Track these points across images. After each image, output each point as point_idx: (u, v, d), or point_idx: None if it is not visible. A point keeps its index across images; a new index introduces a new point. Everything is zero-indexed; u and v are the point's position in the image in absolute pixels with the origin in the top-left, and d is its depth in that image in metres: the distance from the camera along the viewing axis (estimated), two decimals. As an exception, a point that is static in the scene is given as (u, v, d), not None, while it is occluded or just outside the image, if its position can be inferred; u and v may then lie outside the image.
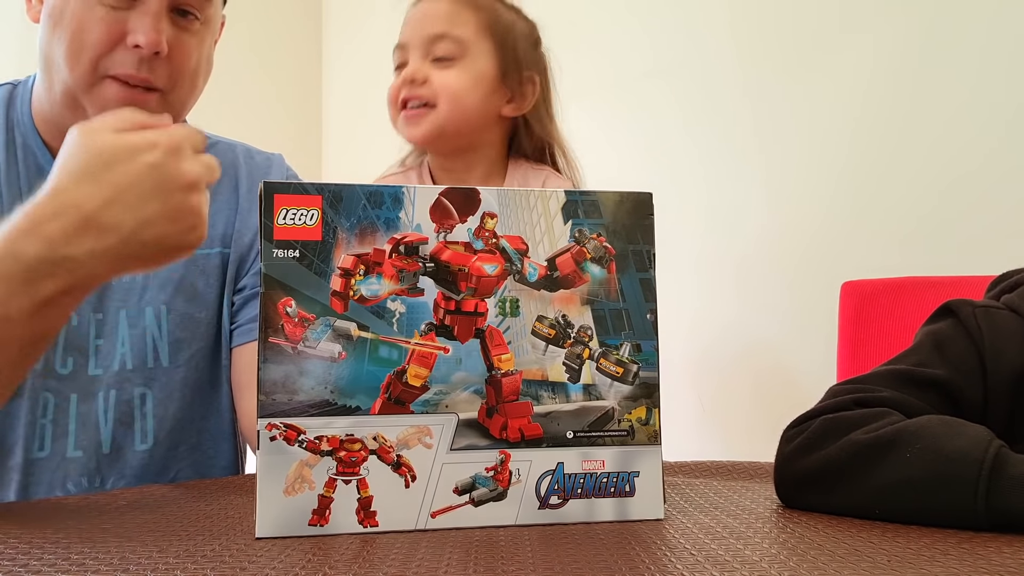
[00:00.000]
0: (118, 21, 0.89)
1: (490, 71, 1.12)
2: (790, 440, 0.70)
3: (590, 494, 0.64)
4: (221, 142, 1.09)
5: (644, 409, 0.65)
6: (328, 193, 0.62)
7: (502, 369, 0.63)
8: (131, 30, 0.89)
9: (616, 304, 0.66)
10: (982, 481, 0.58)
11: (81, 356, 0.94)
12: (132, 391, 0.96)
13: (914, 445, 0.62)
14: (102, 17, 0.89)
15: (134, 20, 0.89)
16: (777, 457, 0.71)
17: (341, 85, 3.25)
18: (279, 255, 0.61)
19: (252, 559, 0.53)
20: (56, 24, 0.90)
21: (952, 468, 0.60)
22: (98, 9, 0.88)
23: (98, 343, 0.95)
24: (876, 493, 0.63)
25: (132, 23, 0.89)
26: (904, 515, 0.62)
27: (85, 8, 0.89)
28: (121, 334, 0.96)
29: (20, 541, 0.56)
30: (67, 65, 0.89)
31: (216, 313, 1.01)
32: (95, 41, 0.89)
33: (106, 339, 0.95)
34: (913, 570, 0.50)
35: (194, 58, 0.94)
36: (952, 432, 0.62)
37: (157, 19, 0.89)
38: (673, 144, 2.14)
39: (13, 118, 0.96)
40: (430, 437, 0.62)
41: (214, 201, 1.03)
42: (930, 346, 0.72)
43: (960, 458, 0.60)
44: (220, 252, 1.01)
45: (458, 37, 1.10)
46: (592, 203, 0.66)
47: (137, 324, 0.96)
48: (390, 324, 0.62)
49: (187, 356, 0.98)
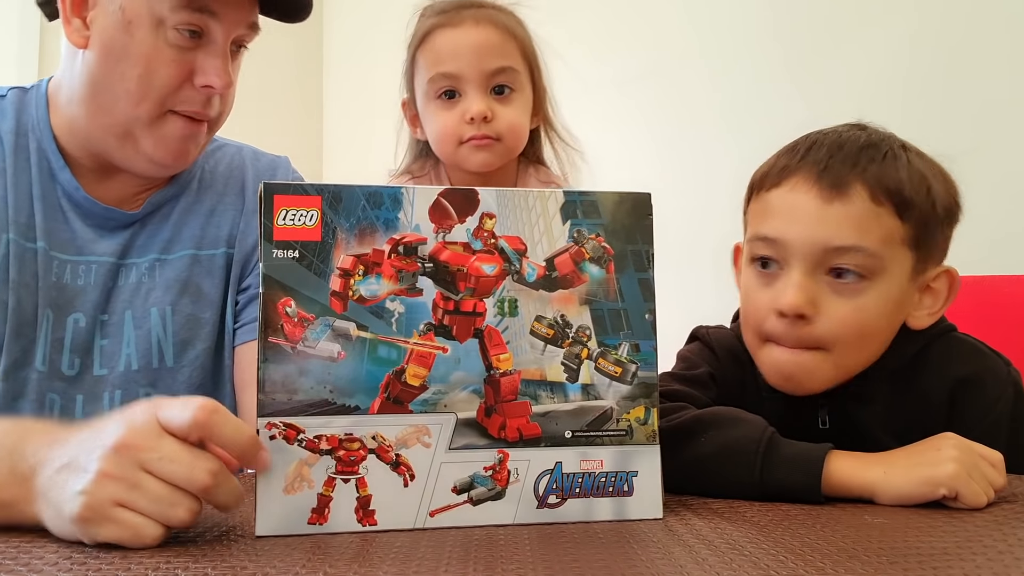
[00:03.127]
0: (187, 61, 0.91)
1: (530, 96, 1.17)
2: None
3: (588, 494, 0.64)
4: (228, 144, 1.10)
5: (643, 409, 0.66)
6: (328, 194, 0.62)
7: (501, 369, 0.64)
8: (200, 70, 0.91)
9: (615, 304, 0.66)
10: (757, 459, 0.73)
11: (87, 357, 0.95)
12: (138, 391, 0.96)
13: (707, 432, 0.76)
14: (173, 59, 0.90)
15: (202, 60, 0.91)
16: None
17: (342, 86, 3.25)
18: (279, 255, 0.61)
19: (252, 558, 0.53)
20: (118, 60, 0.90)
21: (736, 449, 0.74)
22: (167, 51, 0.90)
23: (103, 344, 0.96)
24: (679, 469, 0.73)
25: (200, 63, 0.91)
26: (700, 487, 0.75)
27: (154, 48, 0.89)
28: (127, 335, 0.97)
29: (21, 540, 0.57)
30: (131, 101, 0.90)
31: (220, 313, 1.01)
32: (164, 82, 0.90)
33: (111, 340, 0.96)
34: (913, 570, 0.51)
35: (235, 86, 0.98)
36: (736, 421, 0.77)
37: (225, 60, 0.92)
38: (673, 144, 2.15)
39: (26, 123, 0.97)
40: (429, 436, 0.62)
41: (220, 202, 1.04)
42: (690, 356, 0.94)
43: (742, 441, 0.74)
44: (225, 253, 1.02)
45: (514, 69, 1.13)
46: (591, 203, 0.66)
47: (142, 325, 0.97)
48: (389, 324, 0.62)
49: (192, 356, 0.99)
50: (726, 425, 0.76)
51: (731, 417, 0.78)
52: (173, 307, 0.98)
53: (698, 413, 0.79)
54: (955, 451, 0.71)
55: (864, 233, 0.79)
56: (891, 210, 0.80)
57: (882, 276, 0.80)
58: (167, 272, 0.99)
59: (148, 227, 1.00)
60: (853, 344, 0.81)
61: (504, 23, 1.14)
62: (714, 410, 0.80)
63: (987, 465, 0.72)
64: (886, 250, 0.80)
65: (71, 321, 0.95)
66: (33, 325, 0.92)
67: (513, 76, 1.13)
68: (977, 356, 0.88)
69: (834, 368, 0.82)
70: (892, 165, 0.81)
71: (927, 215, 0.81)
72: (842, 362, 0.82)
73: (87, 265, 0.96)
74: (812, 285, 0.80)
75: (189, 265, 1.00)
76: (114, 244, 0.98)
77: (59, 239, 0.95)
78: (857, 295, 0.80)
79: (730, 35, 2.06)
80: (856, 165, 0.81)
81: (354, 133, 3.09)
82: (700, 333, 0.96)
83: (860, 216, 0.79)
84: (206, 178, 1.05)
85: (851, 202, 0.80)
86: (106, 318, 0.96)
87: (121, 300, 0.97)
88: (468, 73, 1.11)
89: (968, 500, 0.69)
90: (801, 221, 0.81)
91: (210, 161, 1.07)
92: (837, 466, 0.72)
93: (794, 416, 0.85)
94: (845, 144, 0.83)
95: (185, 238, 1.01)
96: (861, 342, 0.82)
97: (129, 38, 0.89)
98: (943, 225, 0.84)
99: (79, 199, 0.96)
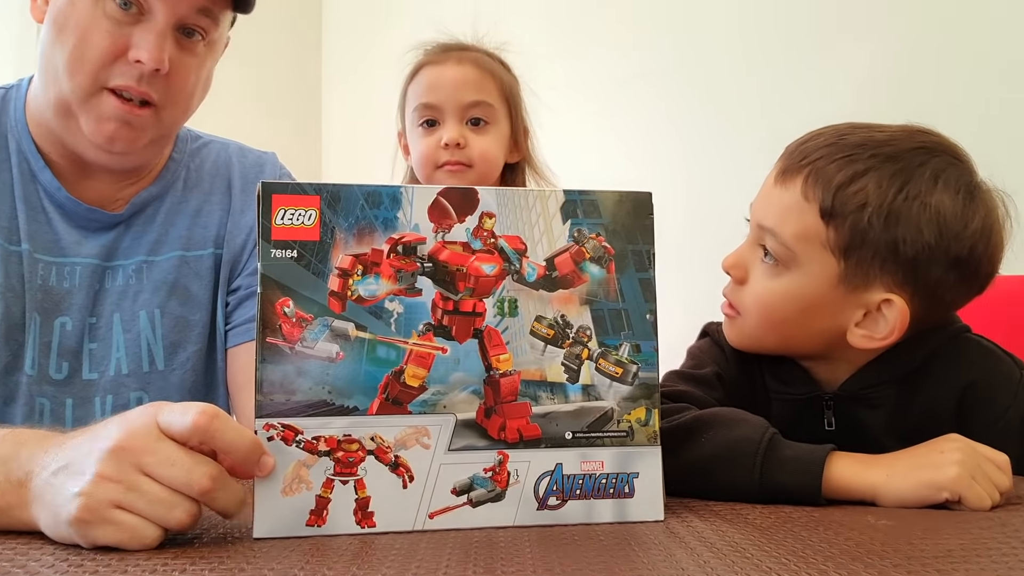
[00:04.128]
0: (123, 35, 0.89)
1: (507, 131, 1.28)
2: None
3: (589, 495, 0.64)
4: (214, 141, 1.08)
5: (643, 410, 0.65)
6: (326, 193, 0.62)
7: (500, 369, 0.63)
8: (134, 45, 0.89)
9: (615, 304, 0.65)
10: (758, 460, 0.72)
11: (75, 361, 0.94)
12: (128, 395, 0.95)
13: (707, 432, 0.75)
14: (107, 30, 0.88)
15: (138, 35, 0.89)
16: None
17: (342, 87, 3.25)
18: (277, 255, 0.61)
19: (250, 560, 0.53)
20: (60, 31, 0.89)
21: (736, 450, 0.73)
22: (104, 22, 0.88)
23: (92, 347, 0.95)
24: (679, 470, 0.72)
25: (136, 38, 0.89)
26: (700, 488, 0.74)
27: (91, 19, 0.88)
28: (116, 338, 0.96)
29: (19, 543, 0.56)
30: (67, 73, 0.89)
31: (210, 315, 1.00)
32: (98, 53, 0.89)
33: (100, 343, 0.95)
34: (917, 573, 0.50)
35: (192, 79, 0.94)
36: (736, 422, 0.76)
37: (161, 37, 0.89)
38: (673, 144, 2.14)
39: (6, 123, 0.96)
40: (428, 438, 0.62)
41: (207, 202, 1.03)
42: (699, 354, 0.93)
43: (742, 442, 0.73)
44: (213, 253, 1.01)
45: (489, 104, 1.25)
46: (591, 203, 0.66)
47: (131, 328, 0.96)
48: (388, 324, 0.62)
49: (182, 359, 0.98)
50: (727, 425, 0.75)
51: (732, 417, 0.77)
52: (162, 309, 0.97)
53: (699, 413, 0.78)
54: (958, 454, 0.71)
55: (782, 222, 0.81)
56: (815, 209, 0.79)
57: (796, 270, 0.81)
58: (155, 274, 0.98)
59: (133, 228, 0.99)
60: (756, 319, 0.85)
61: (485, 64, 1.26)
62: (715, 410, 0.79)
63: (992, 467, 0.71)
64: (800, 246, 0.80)
65: (58, 324, 0.94)
66: (21, 329, 0.91)
67: (488, 110, 1.24)
68: (989, 359, 0.86)
69: (744, 335, 0.87)
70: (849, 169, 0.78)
71: (864, 231, 0.77)
72: (750, 332, 0.86)
73: (71, 267, 0.95)
74: (749, 253, 0.85)
75: (177, 267, 0.99)
76: (98, 246, 0.96)
77: (42, 240, 0.94)
78: (770, 277, 0.83)
79: (729, 36, 2.06)
80: (818, 160, 0.80)
81: (354, 133, 3.09)
82: (711, 329, 0.95)
83: (787, 205, 0.81)
84: (191, 177, 1.04)
85: (787, 190, 0.81)
86: (94, 321, 0.95)
87: (109, 303, 0.96)
88: (446, 104, 1.24)
89: (972, 503, 0.69)
90: (759, 195, 0.86)
91: (195, 159, 1.05)
92: (838, 468, 0.71)
93: (800, 417, 0.85)
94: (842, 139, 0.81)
95: (172, 239, 1.00)
96: (765, 322, 0.84)
97: (71, 8, 0.89)
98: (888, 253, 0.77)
99: (61, 199, 0.95)
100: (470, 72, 1.25)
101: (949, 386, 0.85)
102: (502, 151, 1.28)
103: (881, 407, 0.85)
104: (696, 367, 0.90)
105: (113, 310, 0.96)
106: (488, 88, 1.25)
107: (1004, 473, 0.71)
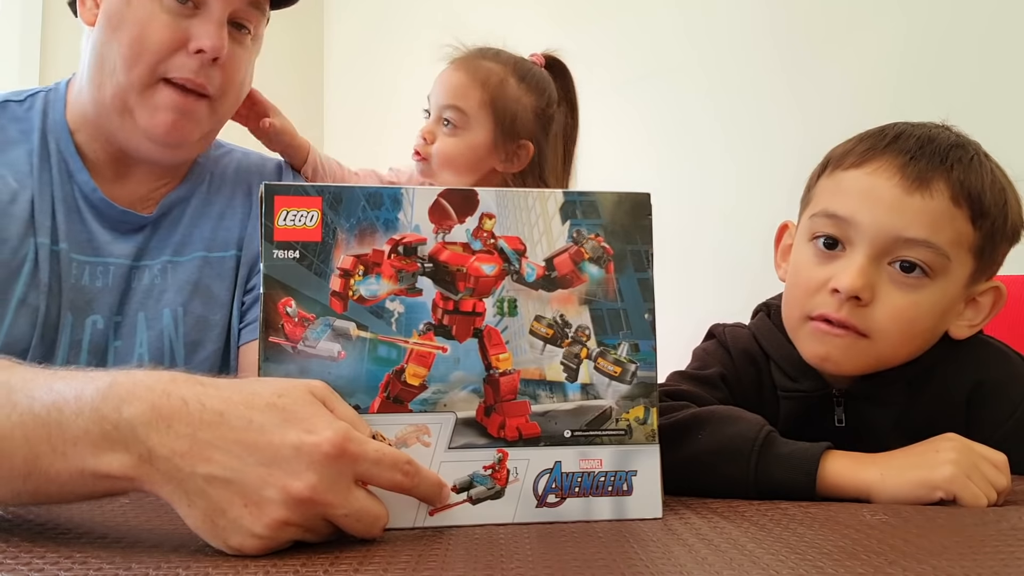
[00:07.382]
0: (180, 28, 0.93)
1: (485, 140, 1.29)
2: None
3: (587, 493, 0.64)
4: (236, 149, 1.12)
5: (642, 408, 0.66)
6: (328, 194, 0.62)
7: (500, 368, 0.64)
8: (194, 36, 0.93)
9: (614, 304, 0.66)
10: (753, 457, 0.73)
11: (100, 358, 0.96)
12: None
13: (704, 429, 0.76)
14: (166, 23, 0.92)
15: (197, 27, 0.93)
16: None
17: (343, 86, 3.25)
18: (279, 256, 0.61)
19: (254, 557, 0.53)
20: (115, 28, 0.92)
21: (731, 447, 0.74)
22: (162, 16, 0.92)
23: (117, 345, 0.97)
24: (676, 466, 0.72)
25: (195, 29, 0.93)
26: (697, 484, 0.75)
27: (149, 14, 0.92)
28: (139, 335, 0.98)
29: (22, 540, 0.57)
30: (124, 67, 0.92)
31: (229, 316, 1.03)
32: (157, 45, 0.92)
33: (124, 340, 0.97)
34: (913, 569, 0.51)
35: (243, 71, 0.99)
36: (733, 419, 0.77)
37: (220, 27, 0.93)
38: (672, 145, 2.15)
39: (47, 125, 0.98)
40: (428, 436, 0.62)
41: (229, 205, 1.06)
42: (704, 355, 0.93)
43: (738, 439, 0.74)
44: (235, 255, 1.04)
45: (462, 109, 1.27)
46: (590, 203, 0.66)
47: (154, 326, 0.98)
48: (389, 324, 0.62)
49: (202, 357, 1.00)
50: (723, 422, 0.76)
51: (729, 415, 0.78)
52: (184, 308, 1.00)
53: (697, 411, 0.79)
54: (953, 453, 0.71)
55: (938, 231, 0.79)
56: (967, 214, 0.80)
57: (943, 277, 0.80)
58: (179, 274, 1.00)
59: (160, 230, 1.01)
60: (897, 338, 0.81)
61: (480, 74, 1.28)
62: (712, 408, 0.80)
63: (988, 466, 0.71)
64: (953, 252, 0.80)
65: (90, 323, 0.96)
66: (56, 328, 0.93)
67: (458, 115, 1.27)
68: (1000, 360, 0.87)
69: (872, 357, 0.82)
70: (976, 170, 0.81)
71: (997, 227, 0.81)
72: (881, 353, 0.82)
73: (104, 266, 0.97)
74: (873, 271, 0.80)
75: (200, 267, 1.01)
76: (129, 247, 0.99)
77: (78, 240, 0.96)
78: (915, 290, 0.80)
79: (728, 38, 2.06)
80: (944, 162, 0.81)
81: (354, 133, 3.09)
82: (717, 331, 0.96)
83: (938, 213, 0.79)
84: (216, 181, 1.07)
85: (932, 198, 0.79)
86: (120, 319, 0.98)
87: (135, 301, 0.98)
88: (433, 102, 1.31)
89: (967, 503, 0.69)
90: (878, 206, 0.80)
91: (219, 165, 1.08)
92: (833, 466, 0.72)
93: (810, 413, 0.86)
94: (935, 139, 0.82)
95: (196, 240, 1.02)
96: (904, 338, 0.82)
97: (127, 7, 0.92)
98: (1006, 241, 0.84)
99: (96, 200, 0.97)
100: (458, 78, 1.29)
101: (959, 385, 0.85)
102: (469, 155, 1.29)
103: (891, 405, 0.85)
104: (700, 368, 0.91)
105: (138, 308, 0.98)
106: (469, 96, 1.28)
107: (1002, 472, 0.72)
